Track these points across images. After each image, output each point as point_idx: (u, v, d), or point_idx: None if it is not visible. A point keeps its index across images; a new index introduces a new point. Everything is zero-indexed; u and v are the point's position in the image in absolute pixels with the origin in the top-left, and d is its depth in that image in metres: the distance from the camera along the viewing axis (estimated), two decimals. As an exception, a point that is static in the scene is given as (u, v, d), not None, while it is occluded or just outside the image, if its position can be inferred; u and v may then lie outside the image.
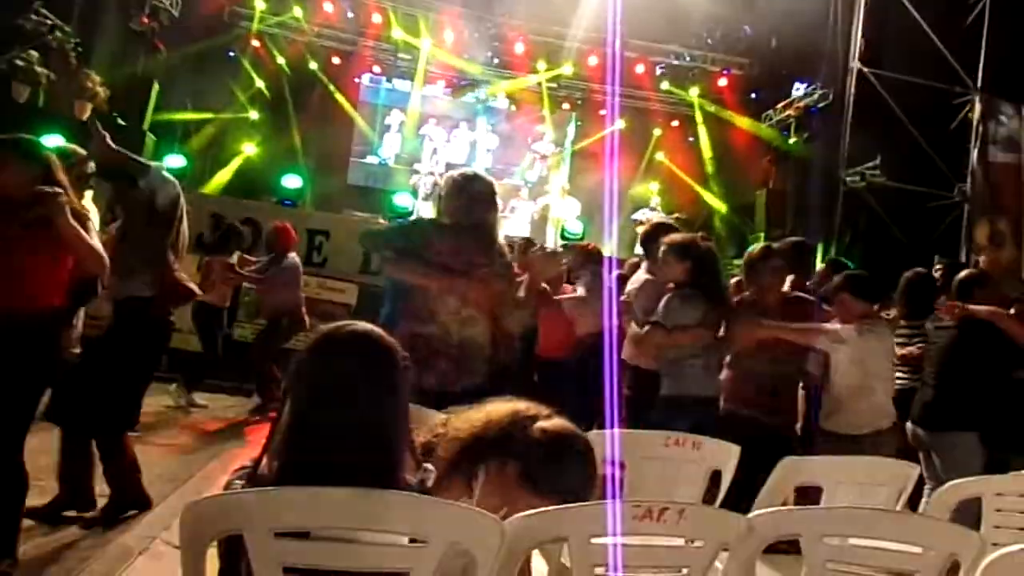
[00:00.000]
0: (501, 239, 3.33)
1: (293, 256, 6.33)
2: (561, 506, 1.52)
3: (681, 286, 3.53)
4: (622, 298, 4.00)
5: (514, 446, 1.59)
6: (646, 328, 3.53)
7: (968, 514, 2.33)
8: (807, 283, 4.26)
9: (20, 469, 2.71)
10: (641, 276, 4.01)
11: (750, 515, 1.87)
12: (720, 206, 12.55)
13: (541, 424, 1.63)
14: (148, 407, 5.44)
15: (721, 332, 3.54)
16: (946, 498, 2.27)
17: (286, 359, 5.89)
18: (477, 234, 3.11)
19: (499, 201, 3.37)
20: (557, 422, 1.65)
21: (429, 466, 1.51)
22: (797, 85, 11.27)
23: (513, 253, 3.64)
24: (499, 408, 1.68)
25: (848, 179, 9.84)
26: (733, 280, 5.42)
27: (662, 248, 3.64)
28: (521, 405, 1.69)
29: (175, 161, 8.33)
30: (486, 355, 3.11)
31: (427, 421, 2.24)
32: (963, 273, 4.09)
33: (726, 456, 2.42)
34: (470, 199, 3.13)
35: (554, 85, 12.77)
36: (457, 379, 2.99)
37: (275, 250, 6.26)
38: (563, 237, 10.30)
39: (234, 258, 6.23)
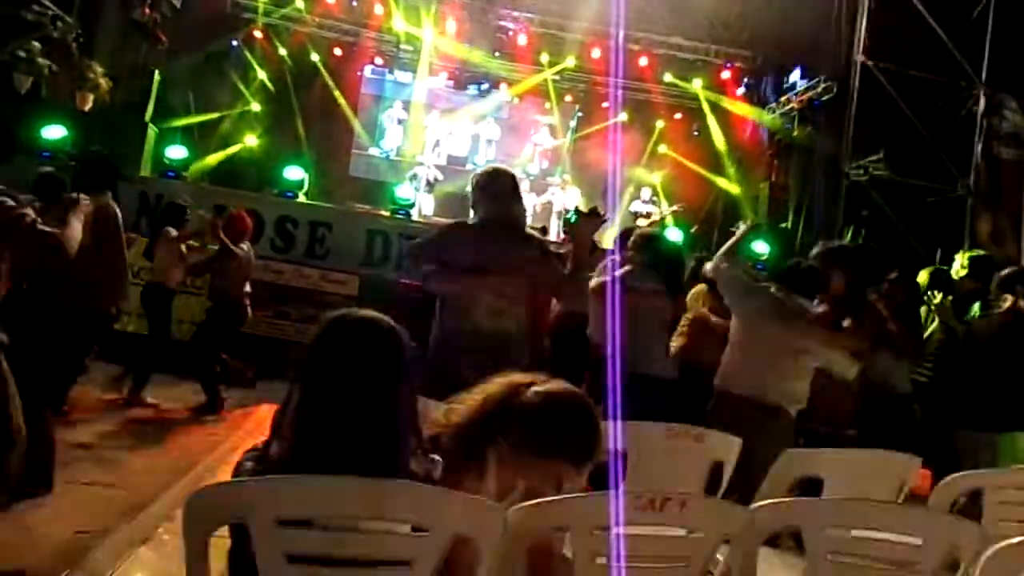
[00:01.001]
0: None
1: (244, 246, 6.02)
2: (562, 496, 1.51)
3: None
4: None
5: (513, 417, 1.55)
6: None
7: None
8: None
9: None
10: None
11: (751, 506, 1.88)
12: (722, 198, 12.53)
13: (536, 388, 1.59)
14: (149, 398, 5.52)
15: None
16: (948, 491, 2.27)
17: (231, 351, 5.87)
18: (504, 228, 3.18)
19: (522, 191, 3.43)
20: (553, 384, 1.61)
21: (436, 457, 1.51)
22: (795, 74, 11.25)
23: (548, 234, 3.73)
24: (495, 384, 1.65)
25: (851, 172, 9.82)
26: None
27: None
28: (517, 376, 1.65)
29: (177, 152, 8.32)
30: (522, 344, 3.17)
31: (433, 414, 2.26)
32: (1008, 270, 4.03)
33: (728, 448, 2.42)
34: (494, 196, 3.22)
35: (557, 77, 12.73)
36: (495, 368, 3.02)
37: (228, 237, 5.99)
38: (566, 227, 10.28)
39: (173, 234, 5.85)
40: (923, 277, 4.31)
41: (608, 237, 5.55)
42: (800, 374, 3.30)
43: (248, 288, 6.01)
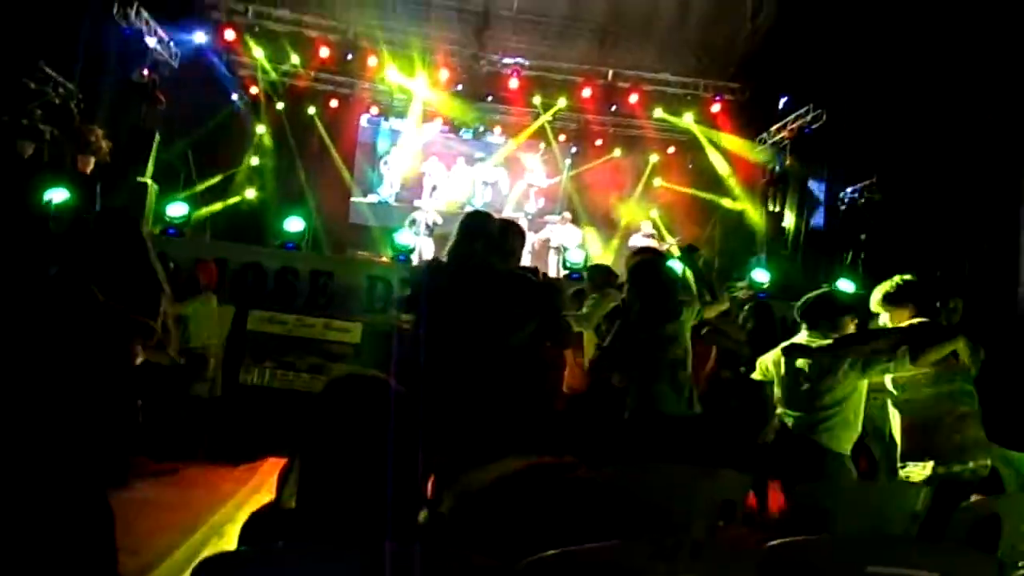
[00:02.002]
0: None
1: (207, 294, 6.10)
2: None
3: None
4: None
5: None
6: None
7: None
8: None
9: None
10: None
11: (765, 545, 1.85)
12: (720, 229, 12.60)
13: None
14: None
15: None
16: (964, 519, 2.23)
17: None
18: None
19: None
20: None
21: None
22: (783, 103, 11.42)
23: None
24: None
25: (846, 197, 9.89)
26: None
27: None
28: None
29: (177, 209, 8.41)
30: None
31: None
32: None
33: (737, 486, 2.40)
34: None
35: (549, 118, 12.94)
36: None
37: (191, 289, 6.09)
38: (565, 267, 10.31)
39: None
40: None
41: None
42: None
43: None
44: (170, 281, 4.83)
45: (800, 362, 3.22)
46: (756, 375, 3.64)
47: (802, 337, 3.33)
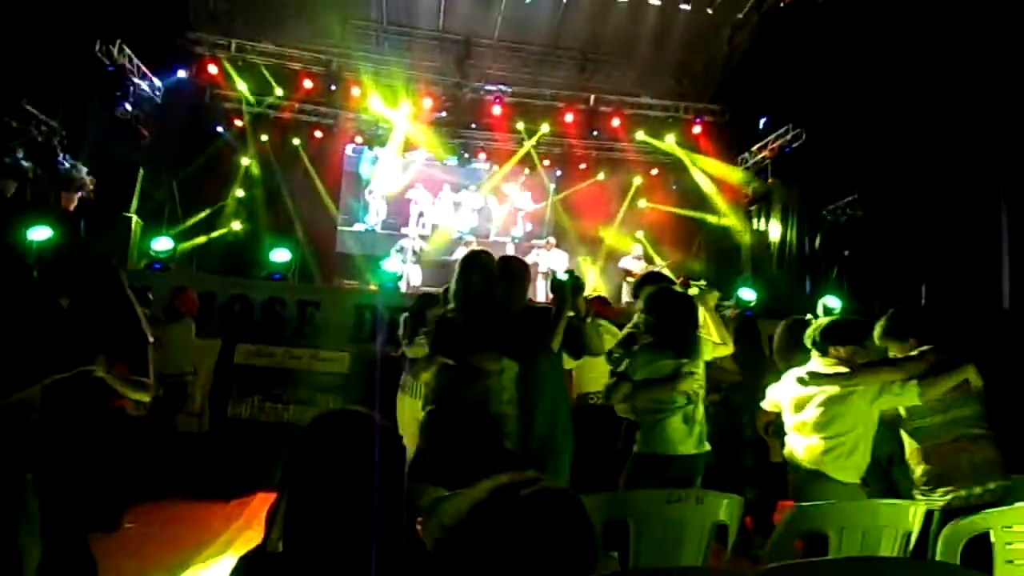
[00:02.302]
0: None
1: (186, 321, 6.03)
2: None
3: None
4: None
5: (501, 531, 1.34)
6: None
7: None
8: None
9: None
10: None
11: (759, 570, 1.85)
12: (706, 248, 12.71)
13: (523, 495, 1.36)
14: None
15: None
16: (954, 538, 2.23)
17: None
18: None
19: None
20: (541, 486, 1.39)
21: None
22: (763, 122, 11.59)
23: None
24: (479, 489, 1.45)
25: (828, 215, 10.00)
26: None
27: None
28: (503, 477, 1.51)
29: (163, 244, 8.38)
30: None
31: (430, 495, 2.22)
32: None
33: (730, 509, 2.40)
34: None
35: (533, 144, 13.06)
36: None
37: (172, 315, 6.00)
38: (553, 287, 10.34)
39: None
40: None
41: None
42: None
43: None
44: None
45: (810, 389, 3.18)
46: (768, 407, 3.54)
47: (815, 364, 3.24)
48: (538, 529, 1.31)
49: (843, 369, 3.11)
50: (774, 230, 11.27)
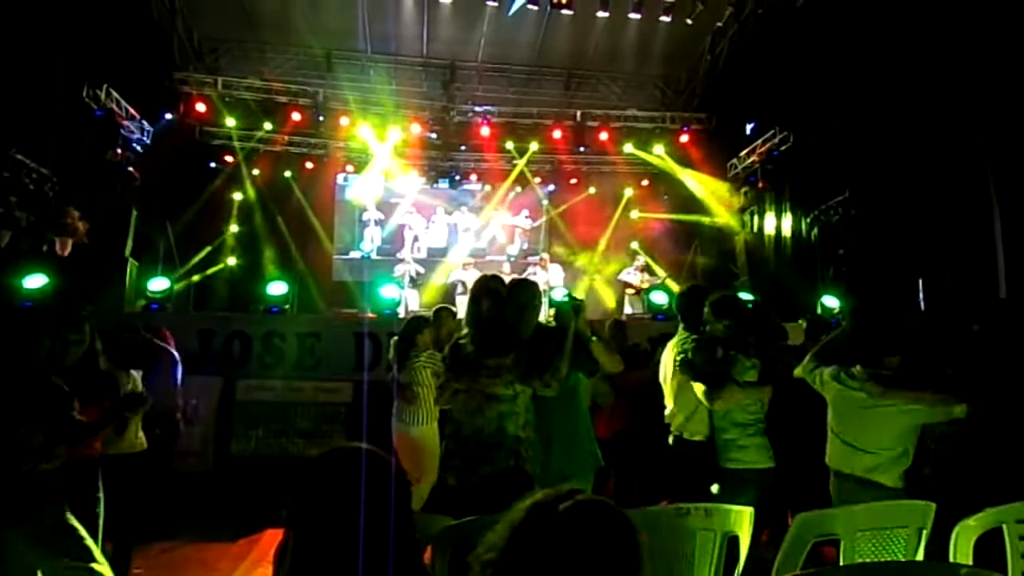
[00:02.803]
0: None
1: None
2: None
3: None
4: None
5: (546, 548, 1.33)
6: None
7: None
8: None
9: None
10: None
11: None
12: (701, 255, 12.73)
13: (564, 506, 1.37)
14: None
15: None
16: (966, 535, 2.21)
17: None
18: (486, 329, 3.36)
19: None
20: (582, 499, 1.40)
21: None
22: (750, 129, 11.66)
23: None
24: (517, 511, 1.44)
25: (820, 215, 10.04)
26: None
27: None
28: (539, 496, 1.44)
29: (159, 284, 8.38)
30: (498, 442, 3.18)
31: (437, 525, 2.21)
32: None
33: (740, 521, 2.37)
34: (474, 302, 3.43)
35: (524, 163, 13.12)
36: (473, 471, 3.14)
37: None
38: (551, 305, 10.34)
39: None
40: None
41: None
42: None
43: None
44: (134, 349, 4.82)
45: (857, 393, 3.16)
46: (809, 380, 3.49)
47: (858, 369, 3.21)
48: (582, 541, 1.31)
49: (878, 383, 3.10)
50: (768, 233, 11.30)
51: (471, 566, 1.42)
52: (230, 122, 11.59)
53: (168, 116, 11.17)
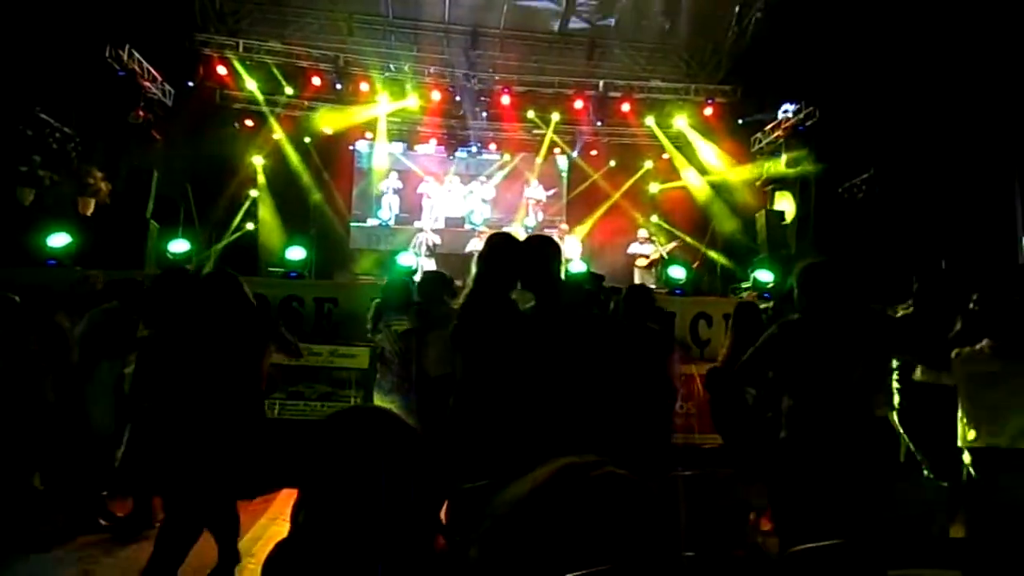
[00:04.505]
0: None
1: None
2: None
3: None
4: None
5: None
6: None
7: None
8: None
9: None
10: None
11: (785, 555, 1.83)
12: (720, 230, 12.61)
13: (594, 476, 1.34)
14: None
15: None
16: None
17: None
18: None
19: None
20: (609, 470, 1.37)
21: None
22: (785, 107, 11.42)
23: None
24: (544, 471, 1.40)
25: (844, 192, 9.89)
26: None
27: None
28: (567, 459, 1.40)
29: (179, 246, 8.45)
30: None
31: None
32: None
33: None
34: None
35: (541, 132, 13.00)
36: None
37: None
38: (567, 277, 10.31)
39: None
40: None
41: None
42: None
43: None
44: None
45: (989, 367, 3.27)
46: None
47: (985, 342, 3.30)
48: (608, 513, 1.30)
49: None
50: (789, 209, 11.16)
51: (485, 520, 1.44)
52: (251, 85, 11.56)
53: (190, 77, 11.16)
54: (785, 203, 11.31)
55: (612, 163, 13.44)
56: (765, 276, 9.09)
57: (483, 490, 2.12)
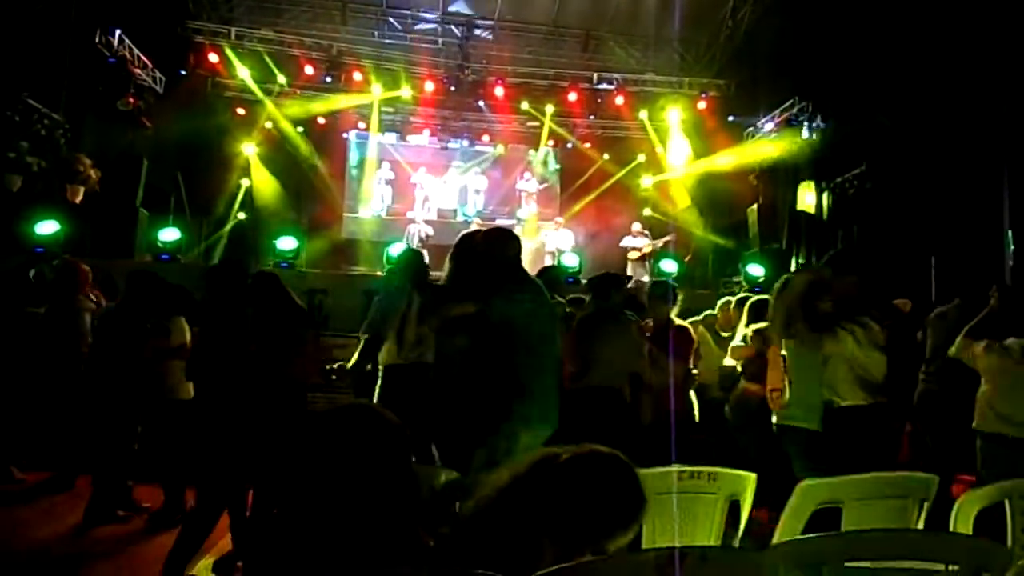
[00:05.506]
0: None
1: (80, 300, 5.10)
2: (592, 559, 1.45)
3: None
4: None
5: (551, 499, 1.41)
6: None
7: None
8: None
9: None
10: None
11: (771, 544, 1.85)
12: (712, 224, 12.62)
13: (567, 457, 1.45)
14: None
15: None
16: (968, 509, 2.23)
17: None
18: None
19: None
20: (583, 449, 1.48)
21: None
22: (773, 98, 11.44)
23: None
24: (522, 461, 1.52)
25: (836, 187, 9.91)
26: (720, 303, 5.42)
27: None
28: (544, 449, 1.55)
29: (169, 235, 8.39)
30: None
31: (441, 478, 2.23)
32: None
33: (743, 486, 2.39)
34: None
35: (536, 124, 12.97)
36: None
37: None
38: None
39: None
40: None
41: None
42: None
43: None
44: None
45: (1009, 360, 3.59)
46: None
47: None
48: (580, 486, 1.39)
49: None
50: (781, 204, 11.18)
51: (467, 507, 1.49)
52: (243, 73, 11.45)
53: (181, 65, 11.06)
54: (777, 196, 11.31)
55: (605, 156, 13.42)
56: (756, 270, 9.12)
57: (457, 483, 2.14)
